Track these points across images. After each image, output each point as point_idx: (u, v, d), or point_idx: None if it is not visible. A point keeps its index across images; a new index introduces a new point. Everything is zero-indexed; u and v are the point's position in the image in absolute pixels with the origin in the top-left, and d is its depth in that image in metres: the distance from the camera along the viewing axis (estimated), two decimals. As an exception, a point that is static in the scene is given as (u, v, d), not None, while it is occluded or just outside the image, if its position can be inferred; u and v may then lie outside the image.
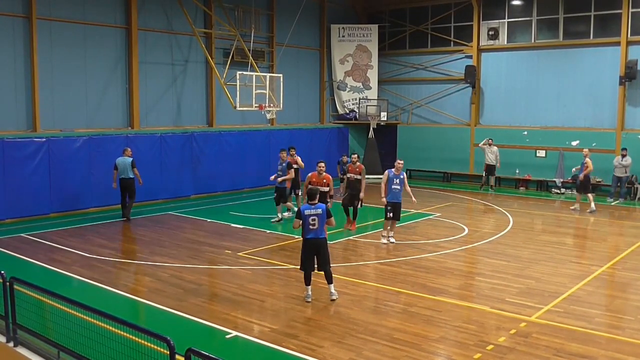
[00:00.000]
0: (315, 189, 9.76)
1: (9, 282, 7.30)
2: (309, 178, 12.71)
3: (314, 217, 9.35)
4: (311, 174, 12.80)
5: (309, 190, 9.95)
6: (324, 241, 9.50)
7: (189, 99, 20.78)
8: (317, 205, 9.48)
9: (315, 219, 9.35)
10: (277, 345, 7.79)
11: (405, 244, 13.58)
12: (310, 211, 9.39)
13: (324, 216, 9.39)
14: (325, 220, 9.45)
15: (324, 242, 9.50)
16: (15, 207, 15.71)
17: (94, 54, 17.98)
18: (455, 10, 24.77)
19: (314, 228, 9.38)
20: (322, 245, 9.48)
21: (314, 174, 12.70)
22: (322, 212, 9.38)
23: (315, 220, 9.35)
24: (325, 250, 9.53)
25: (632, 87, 20.86)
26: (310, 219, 9.36)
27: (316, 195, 9.61)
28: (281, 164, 15.60)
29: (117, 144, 17.80)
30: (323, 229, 9.47)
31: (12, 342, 7.43)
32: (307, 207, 9.45)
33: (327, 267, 9.58)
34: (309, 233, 9.42)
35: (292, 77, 23.90)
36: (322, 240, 9.47)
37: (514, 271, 11.40)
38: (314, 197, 9.56)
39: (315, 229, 9.39)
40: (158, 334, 5.42)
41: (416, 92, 26.16)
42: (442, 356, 7.66)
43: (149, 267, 11.62)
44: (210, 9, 20.65)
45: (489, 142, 22.05)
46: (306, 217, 9.38)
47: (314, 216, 9.35)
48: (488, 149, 21.92)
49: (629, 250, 13.15)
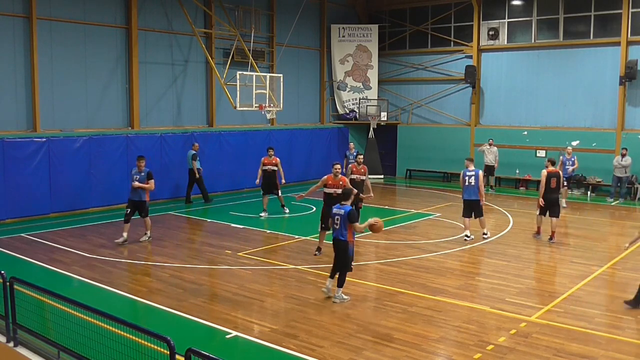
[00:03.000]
0: (349, 190, 9.94)
1: (9, 282, 7.30)
2: (325, 180, 12.46)
3: (337, 217, 9.50)
4: (327, 177, 12.50)
5: (343, 190, 10.01)
6: (342, 244, 9.50)
7: (189, 99, 20.79)
8: (345, 206, 9.57)
9: (338, 219, 9.48)
10: (277, 345, 7.79)
11: (405, 244, 13.59)
12: (337, 210, 9.57)
13: (345, 218, 9.41)
14: (346, 222, 9.43)
15: (342, 245, 9.51)
16: (15, 207, 15.72)
17: (94, 54, 17.98)
18: (455, 10, 24.77)
19: (336, 228, 9.52)
20: (339, 247, 9.54)
21: (329, 176, 12.46)
22: (344, 213, 9.45)
23: (338, 220, 9.47)
24: (341, 253, 9.53)
25: (632, 87, 20.86)
26: (335, 218, 9.54)
27: (349, 196, 9.76)
28: (138, 172, 13.29)
29: (117, 144, 17.83)
30: (344, 231, 9.45)
31: (12, 342, 7.43)
32: (337, 207, 9.66)
33: (341, 270, 9.58)
34: (333, 232, 9.63)
35: (292, 77, 23.91)
36: (341, 243, 9.50)
37: (514, 271, 11.40)
38: (347, 198, 9.70)
39: (337, 229, 9.50)
40: (158, 334, 5.41)
41: (416, 92, 26.16)
42: (442, 356, 7.66)
43: (149, 267, 11.62)
44: (210, 9, 20.66)
45: (490, 142, 22.05)
46: (333, 215, 9.60)
47: (338, 216, 9.50)
48: (488, 150, 21.92)
49: (629, 250, 13.12)
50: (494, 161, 21.83)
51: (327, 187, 12.36)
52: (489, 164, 21.87)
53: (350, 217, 9.41)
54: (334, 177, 12.32)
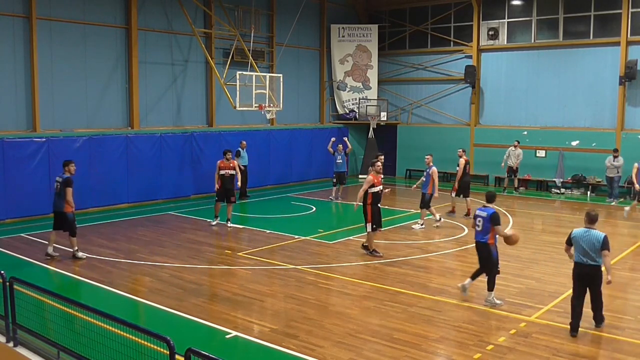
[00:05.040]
0: (493, 192, 9.90)
1: (9, 282, 7.30)
2: (371, 181, 12.28)
3: (480, 219, 9.52)
4: (372, 176, 12.26)
5: (487, 193, 9.90)
6: (483, 247, 9.49)
7: (189, 99, 20.78)
8: (488, 208, 9.55)
9: (480, 221, 9.49)
10: (277, 345, 7.79)
11: (405, 244, 13.59)
12: (480, 212, 9.58)
13: (488, 220, 9.38)
14: (489, 225, 9.37)
15: (482, 246, 9.52)
16: (15, 207, 15.71)
17: (94, 54, 17.98)
18: (455, 10, 24.77)
19: (478, 230, 9.54)
20: (481, 250, 9.56)
21: (374, 175, 12.30)
22: (486, 215, 9.43)
23: (480, 222, 9.49)
24: (484, 256, 9.50)
25: (632, 87, 20.86)
26: (477, 220, 9.57)
27: (494, 197, 9.77)
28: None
29: (117, 144, 17.82)
30: (487, 234, 9.41)
31: (12, 342, 7.42)
32: (480, 209, 9.68)
33: (487, 273, 9.53)
34: (475, 235, 9.66)
35: (292, 77, 23.90)
36: (481, 244, 9.52)
37: (514, 271, 11.40)
38: (491, 200, 9.69)
39: (479, 231, 9.51)
40: (158, 334, 5.41)
41: (416, 92, 26.16)
42: (442, 356, 7.66)
43: (149, 267, 11.62)
44: (210, 9, 20.65)
45: (515, 144, 21.65)
46: (475, 217, 9.64)
47: (480, 218, 9.52)
48: (513, 152, 21.54)
49: (629, 250, 13.15)
50: (515, 163, 21.62)
51: (373, 187, 12.28)
52: (512, 166, 21.60)
53: (494, 220, 9.34)
54: (376, 174, 12.33)
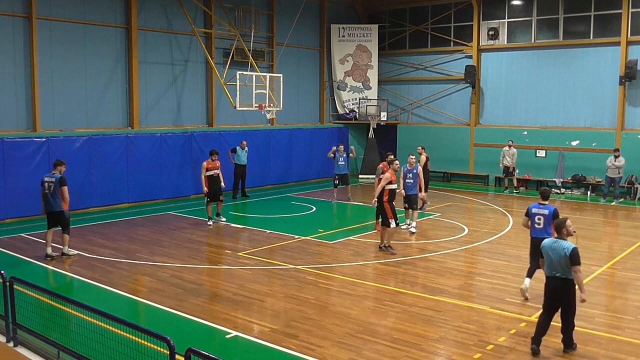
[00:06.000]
0: (548, 190, 9.86)
1: (9, 282, 7.30)
2: (389, 178, 12.52)
3: (539, 217, 9.51)
4: (389, 174, 12.58)
5: (541, 190, 9.87)
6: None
7: (189, 99, 20.78)
8: (546, 206, 9.55)
9: (540, 219, 9.50)
10: (277, 345, 7.79)
11: (405, 244, 13.59)
12: (537, 210, 9.56)
13: (550, 218, 9.37)
14: (551, 222, 9.32)
15: None
16: (15, 207, 15.70)
17: (94, 54, 17.98)
18: (455, 10, 24.76)
19: (539, 227, 9.52)
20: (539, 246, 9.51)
21: (391, 172, 12.63)
22: (548, 213, 9.44)
23: (540, 219, 9.49)
24: None
25: (632, 87, 20.85)
26: (536, 218, 9.54)
27: (548, 195, 9.75)
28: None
29: (117, 144, 17.82)
30: (549, 230, 9.38)
31: (12, 342, 7.43)
32: (535, 206, 9.64)
33: None
34: (534, 232, 9.62)
35: (292, 77, 23.91)
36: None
37: (514, 271, 11.40)
38: (545, 197, 9.66)
39: (541, 229, 9.50)
40: (158, 334, 5.41)
41: (416, 92, 26.16)
42: (442, 356, 7.66)
43: (149, 267, 11.62)
44: (210, 9, 20.65)
45: (510, 144, 21.85)
46: (532, 215, 9.60)
47: (539, 216, 9.51)
48: (507, 152, 21.69)
49: (629, 250, 13.15)
50: (511, 162, 21.68)
51: (390, 184, 12.53)
52: (508, 165, 21.68)
53: (556, 216, 9.32)
54: (394, 173, 12.67)
